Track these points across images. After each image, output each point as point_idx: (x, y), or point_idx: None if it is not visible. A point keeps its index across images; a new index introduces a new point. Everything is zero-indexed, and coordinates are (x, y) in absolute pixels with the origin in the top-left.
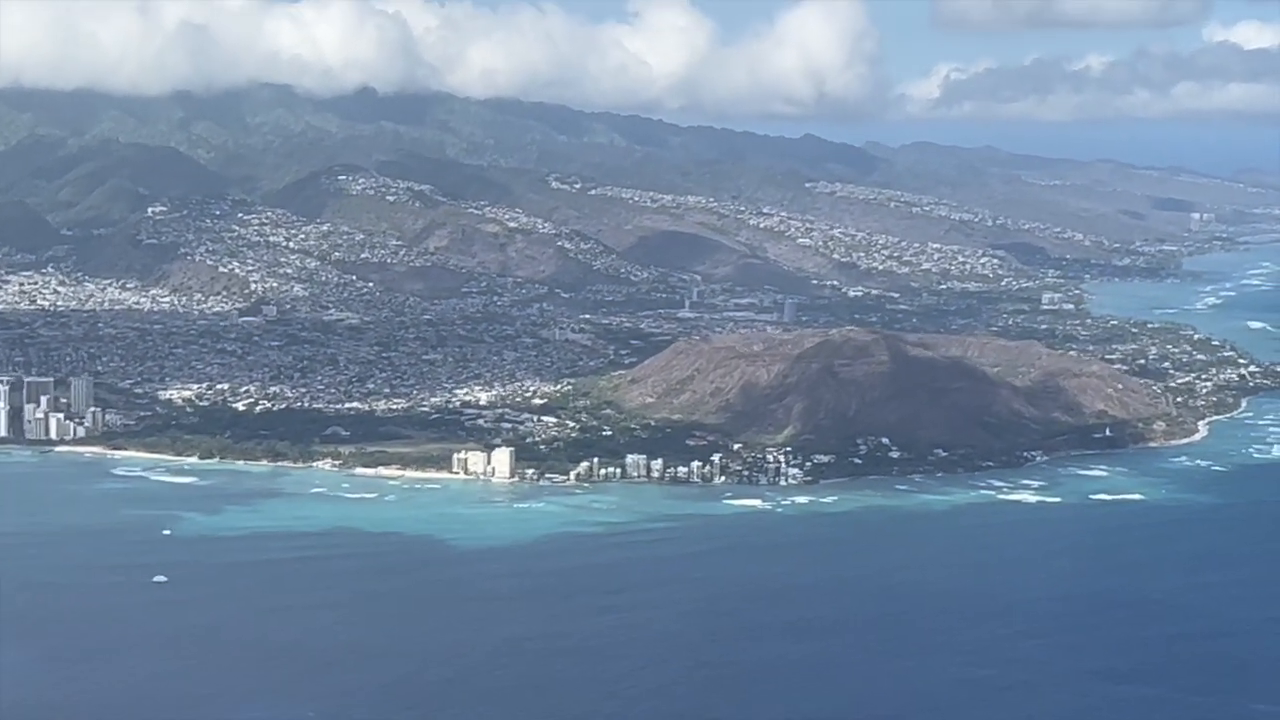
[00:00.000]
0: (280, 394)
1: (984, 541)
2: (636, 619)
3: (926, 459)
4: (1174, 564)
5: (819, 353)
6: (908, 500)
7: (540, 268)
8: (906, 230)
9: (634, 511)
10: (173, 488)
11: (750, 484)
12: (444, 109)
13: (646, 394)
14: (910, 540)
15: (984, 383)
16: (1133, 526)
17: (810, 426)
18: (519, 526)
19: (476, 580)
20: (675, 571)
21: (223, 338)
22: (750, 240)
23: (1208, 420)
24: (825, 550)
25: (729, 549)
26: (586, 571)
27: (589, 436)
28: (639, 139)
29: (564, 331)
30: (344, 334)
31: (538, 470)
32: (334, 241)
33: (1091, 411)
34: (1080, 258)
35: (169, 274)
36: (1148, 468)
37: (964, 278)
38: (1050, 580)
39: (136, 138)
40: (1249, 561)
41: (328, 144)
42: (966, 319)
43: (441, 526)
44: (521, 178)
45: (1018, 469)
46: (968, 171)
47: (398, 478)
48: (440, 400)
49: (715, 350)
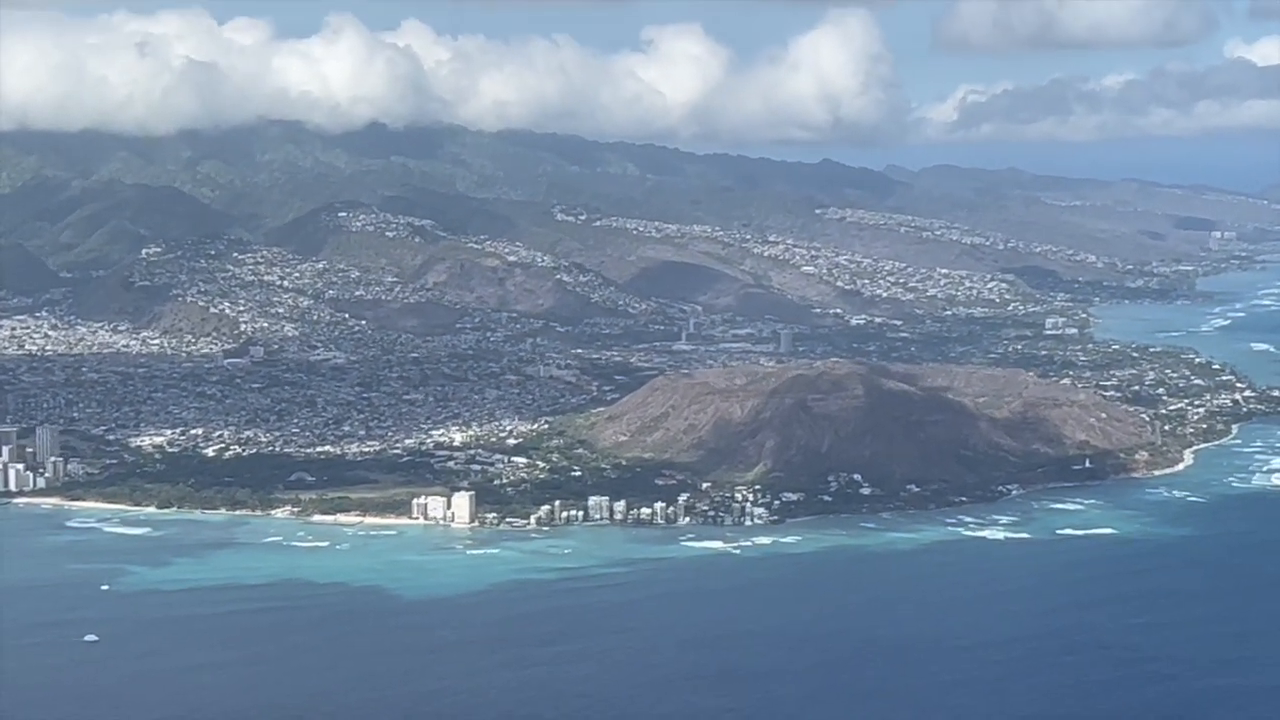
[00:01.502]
0: (253, 438)
1: (940, 582)
2: (560, 672)
3: (898, 495)
4: (1129, 602)
5: (793, 387)
6: (873, 539)
7: (538, 301)
8: (917, 255)
9: (590, 556)
10: (124, 540)
11: (715, 524)
12: (455, 142)
13: (620, 432)
14: (865, 583)
15: (962, 415)
16: (1096, 562)
17: (781, 463)
18: (470, 574)
19: (411, 632)
20: (616, 620)
21: (204, 381)
22: (755, 269)
23: (1194, 448)
24: (776, 595)
25: (677, 594)
26: (526, 621)
27: (558, 478)
28: (653, 168)
29: (549, 368)
30: (327, 374)
31: (498, 514)
32: (329, 279)
33: (1073, 442)
34: (1093, 280)
35: (160, 316)
36: (1124, 500)
37: (970, 303)
38: (998, 622)
39: (143, 178)
40: (1207, 599)
41: (334, 180)
42: (966, 346)
43: (390, 576)
44: (526, 210)
45: (992, 503)
46: (987, 194)
47: (356, 525)
48: (414, 442)
49: (690, 386)
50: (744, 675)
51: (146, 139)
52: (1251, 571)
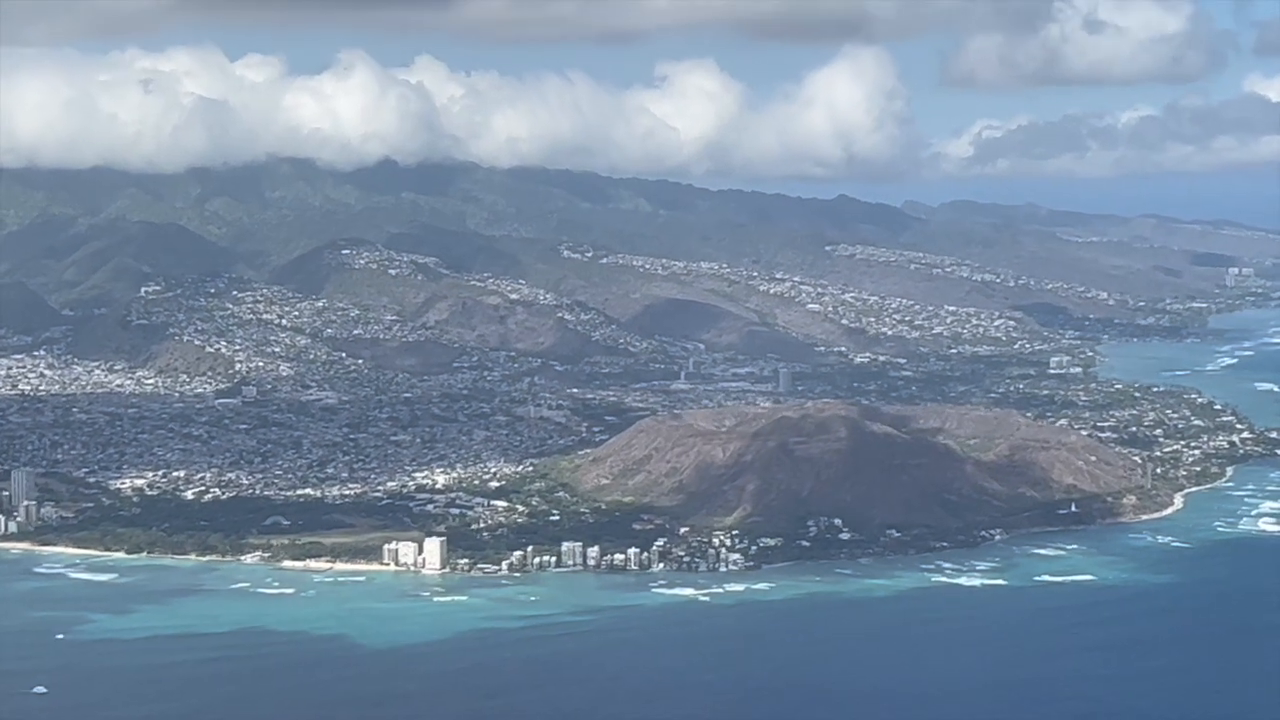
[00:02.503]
0: (235, 481)
1: (907, 631)
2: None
3: (878, 540)
4: (1096, 652)
5: (776, 430)
6: (848, 586)
7: (539, 339)
8: (926, 292)
9: (557, 604)
10: (89, 586)
11: (690, 570)
12: (467, 179)
13: (603, 475)
14: (832, 632)
15: (947, 458)
16: (1069, 611)
17: (761, 508)
18: (433, 623)
19: (362, 682)
20: (572, 670)
21: (193, 421)
22: (760, 306)
23: (1186, 492)
24: (738, 645)
25: (638, 643)
26: (481, 671)
27: (536, 522)
28: (667, 204)
29: (539, 409)
30: (317, 415)
31: (470, 561)
32: (327, 318)
33: (1060, 485)
34: (1103, 317)
35: (156, 355)
36: (1107, 545)
37: (976, 341)
38: (959, 672)
39: (151, 215)
40: (1173, 648)
41: (341, 217)
42: (968, 385)
43: (353, 624)
44: (533, 247)
45: (973, 549)
46: (1004, 230)
47: (325, 571)
48: (396, 484)
49: (674, 429)
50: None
51: (156, 176)
52: (1225, 621)
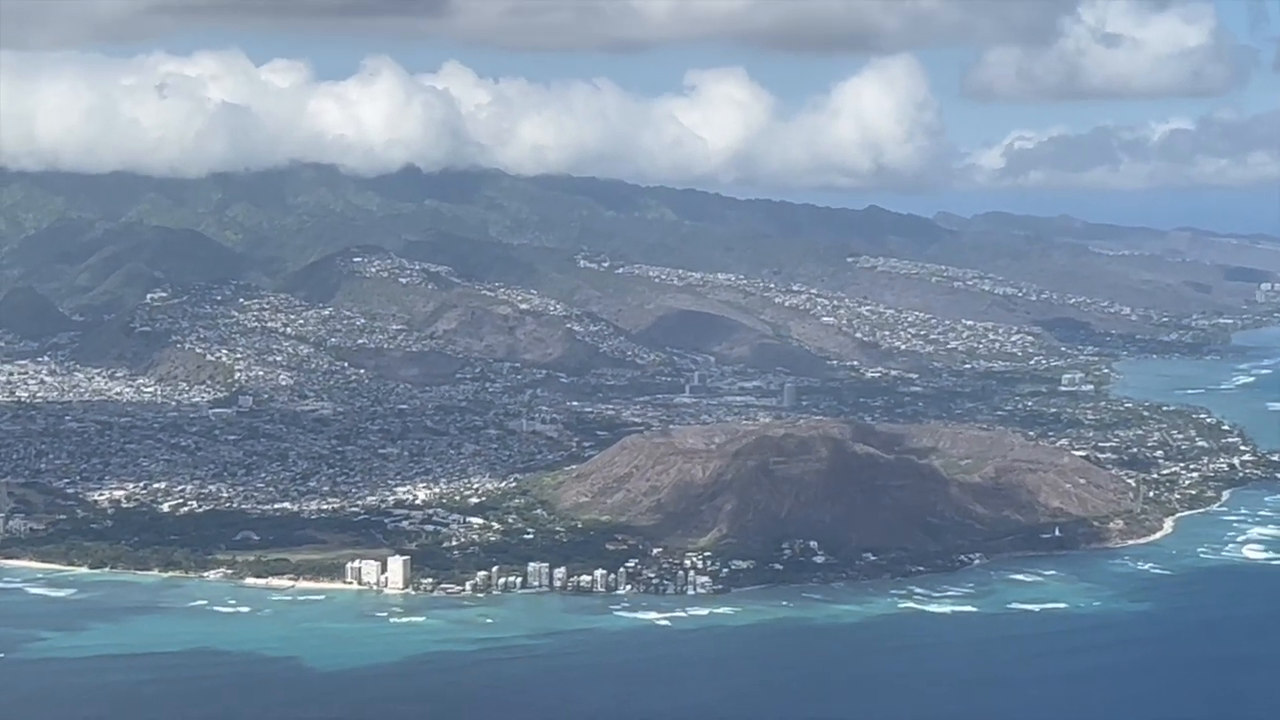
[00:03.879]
0: (214, 493)
1: (863, 661)
2: None
3: (854, 564)
4: (1050, 685)
5: (757, 449)
6: (815, 612)
7: (547, 350)
8: (947, 306)
9: (515, 626)
10: (45, 602)
11: (657, 593)
12: (492, 186)
13: (583, 493)
14: (788, 661)
15: (930, 480)
16: (1034, 639)
17: (736, 529)
18: (386, 645)
19: (299, 706)
20: (514, 697)
21: (183, 431)
22: (775, 319)
23: (1178, 516)
24: (690, 673)
25: (587, 669)
26: (422, 697)
27: (509, 540)
28: (693, 214)
29: (531, 423)
30: (308, 426)
31: (434, 580)
32: (332, 327)
33: (1046, 509)
34: (1125, 333)
35: (158, 363)
36: (1088, 572)
37: (991, 356)
38: (901, 707)
39: (170, 220)
40: (1130, 680)
41: (361, 224)
42: (975, 402)
43: (305, 646)
44: (550, 257)
45: (951, 574)
46: (1036, 242)
47: (287, 589)
48: (376, 499)
49: (656, 446)
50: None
51: (177, 181)
52: (1191, 653)
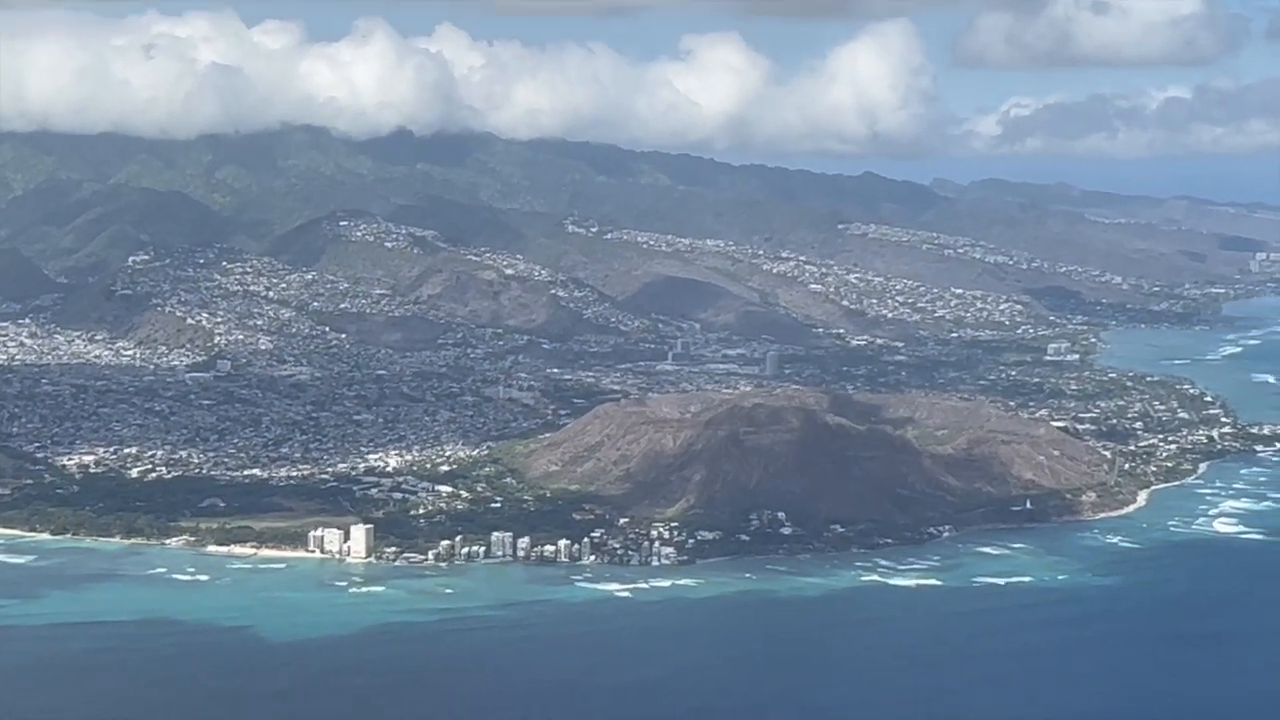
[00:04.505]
0: (185, 459)
1: (820, 636)
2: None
3: (821, 536)
4: (1000, 659)
5: (727, 419)
6: (778, 585)
7: (531, 316)
8: (937, 274)
9: (474, 597)
10: (3, 569)
11: (621, 564)
12: (485, 150)
13: (553, 461)
14: (744, 635)
15: (901, 452)
16: (995, 614)
17: (704, 499)
18: (343, 615)
19: (248, 677)
20: (464, 669)
21: (158, 396)
22: (763, 286)
23: (1152, 489)
24: (643, 646)
25: (542, 641)
26: (371, 669)
27: (476, 509)
28: (687, 179)
29: (508, 390)
30: (284, 391)
31: (397, 550)
32: (315, 291)
33: (1018, 481)
34: (1115, 302)
35: (138, 326)
36: (1057, 545)
37: (978, 325)
38: (849, 684)
39: (160, 182)
40: (1084, 655)
41: (350, 188)
42: (959, 371)
43: (261, 616)
44: (538, 222)
45: (919, 546)
46: (1030, 210)
47: (248, 557)
48: (347, 466)
49: (628, 415)
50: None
51: (168, 143)
52: (1152, 628)
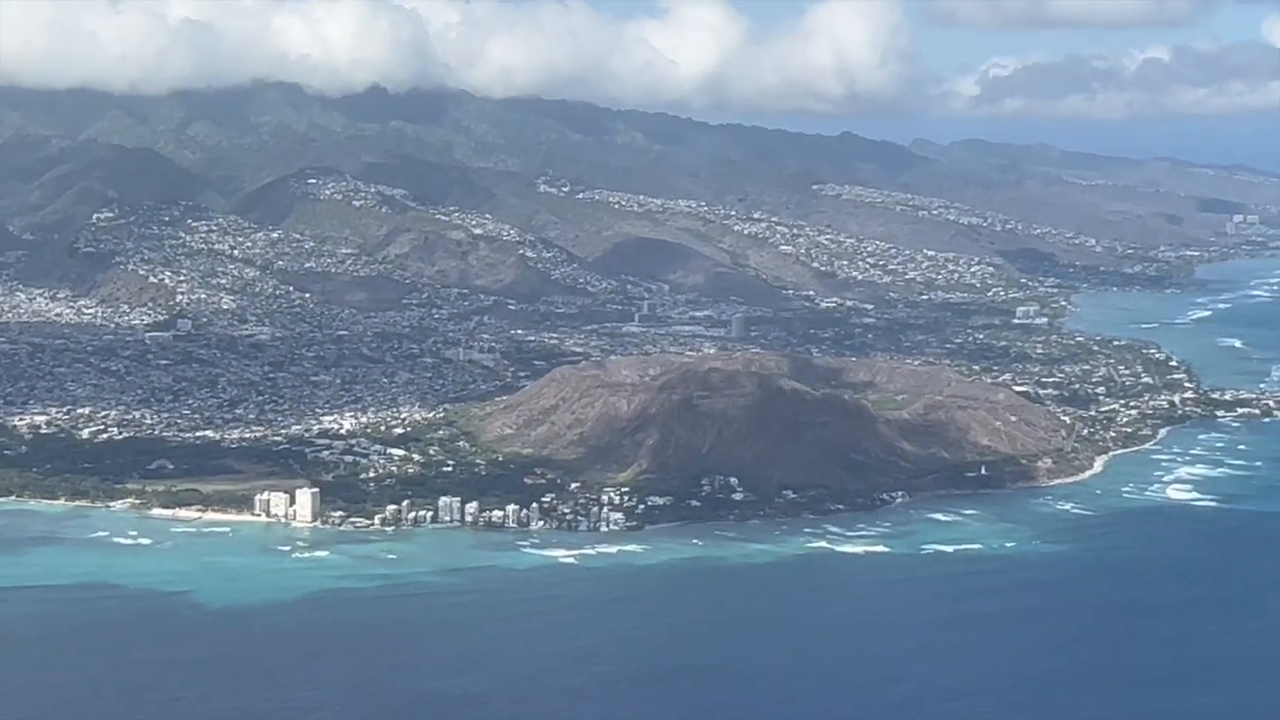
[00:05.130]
0: (138, 420)
1: (757, 604)
2: (278, 695)
3: (773, 501)
4: (940, 628)
5: (682, 383)
6: (726, 551)
7: (499, 276)
8: (911, 235)
9: (418, 563)
10: None
11: (569, 530)
12: (460, 108)
13: (508, 425)
14: (679, 602)
15: (856, 417)
16: (940, 580)
17: (657, 464)
18: (283, 581)
19: (176, 643)
20: (389, 638)
21: (116, 355)
22: (734, 247)
23: (1110, 454)
24: (578, 615)
25: (478, 609)
26: (301, 637)
27: (427, 473)
28: (664, 138)
29: (469, 351)
30: (243, 352)
31: (343, 514)
32: (281, 250)
33: (974, 447)
34: (1089, 265)
35: (101, 284)
36: (1009, 512)
37: (949, 288)
38: (780, 650)
39: (131, 138)
40: (1024, 623)
41: (321, 145)
42: (926, 334)
43: (200, 581)
44: (510, 181)
45: (871, 512)
46: (1009, 171)
47: (193, 520)
48: (301, 428)
49: (583, 379)
50: (461, 700)
51: (139, 98)
52: (1096, 596)
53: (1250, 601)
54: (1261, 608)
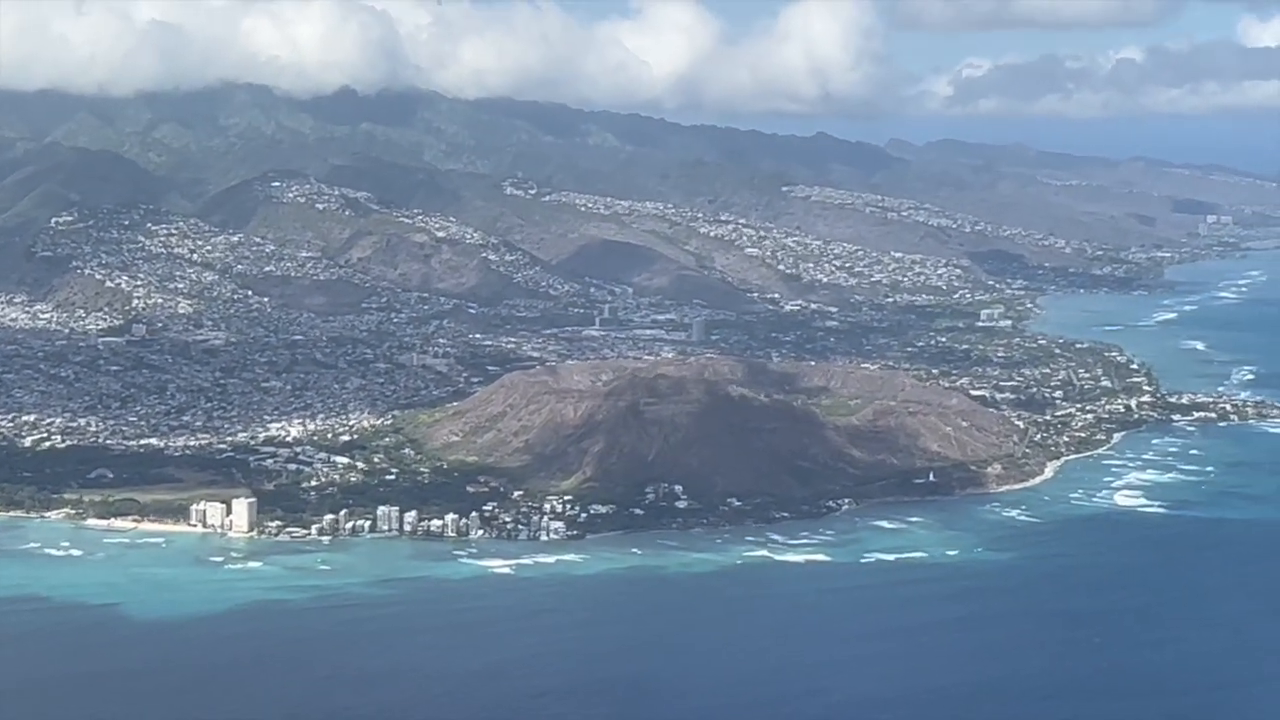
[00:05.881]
0: (83, 428)
1: (686, 614)
2: (173, 710)
3: (717, 509)
4: (867, 639)
5: (629, 389)
6: (665, 560)
7: (461, 280)
8: (880, 237)
9: (350, 574)
10: None
11: (509, 539)
12: (431, 109)
13: (454, 432)
14: (610, 614)
15: (805, 423)
16: (878, 589)
17: (601, 472)
18: (213, 593)
19: (104, 658)
20: (306, 652)
21: (67, 361)
22: (700, 249)
23: (1062, 460)
24: (501, 628)
25: (408, 622)
26: (214, 649)
27: (370, 481)
28: (636, 139)
29: (422, 357)
30: (196, 357)
31: (281, 523)
32: (241, 253)
33: (924, 453)
34: (1058, 266)
35: (58, 288)
36: (955, 519)
37: (915, 290)
38: (699, 662)
39: (98, 141)
40: (955, 633)
41: (288, 147)
42: (888, 338)
43: (129, 593)
44: (477, 183)
45: (817, 520)
46: (983, 172)
47: (129, 531)
48: (247, 436)
49: (531, 384)
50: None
51: (107, 100)
52: (1027, 605)
53: (1184, 610)
54: (1195, 617)
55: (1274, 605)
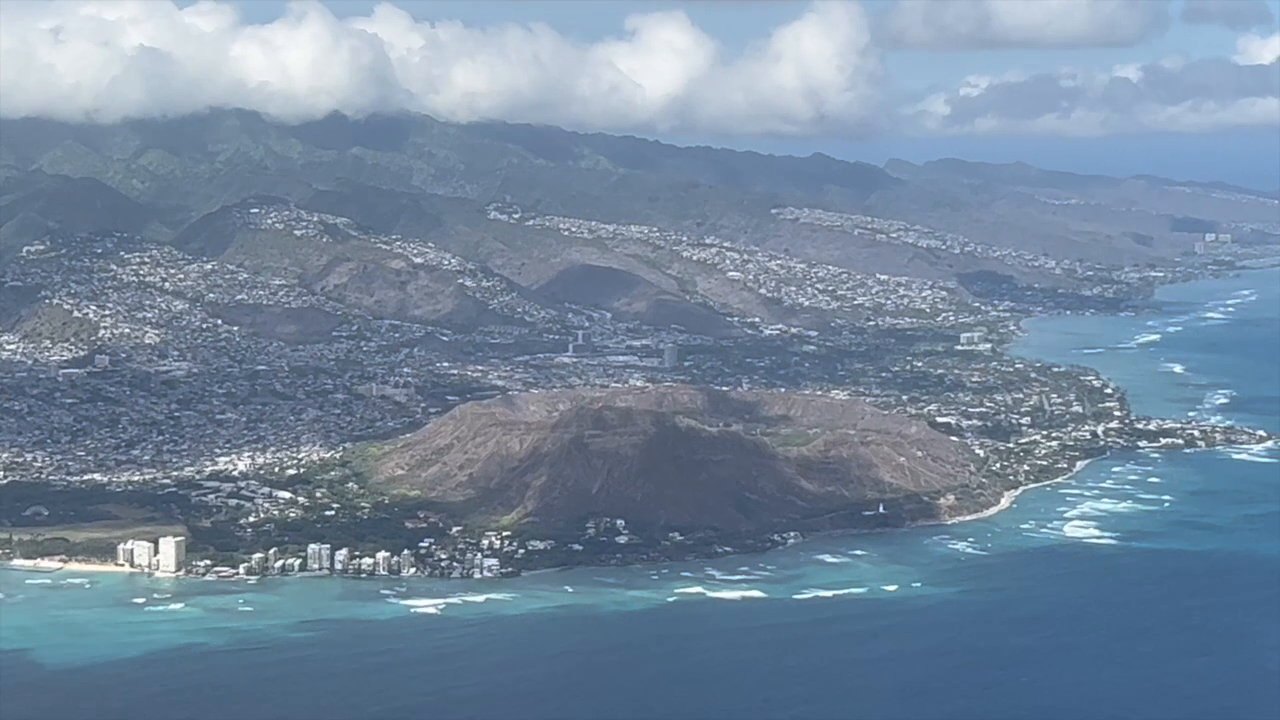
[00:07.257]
0: (29, 463)
1: (609, 655)
2: None
3: (658, 544)
4: (780, 682)
5: (575, 421)
6: (600, 598)
7: (437, 306)
8: (867, 260)
9: (276, 615)
10: None
11: (443, 577)
12: (422, 134)
13: (400, 465)
14: (531, 655)
15: (754, 455)
16: (801, 628)
17: (542, 506)
18: (129, 638)
19: (7, 705)
20: (214, 701)
21: (23, 394)
22: (682, 273)
23: (1020, 489)
24: (419, 670)
25: (322, 666)
26: (131, 698)
27: (310, 517)
28: (629, 162)
29: (382, 387)
30: (153, 389)
31: (210, 562)
32: (213, 282)
33: (876, 484)
34: (1046, 287)
35: (25, 319)
36: (901, 553)
37: (898, 313)
38: (605, 708)
39: (84, 168)
40: (880, 672)
41: (274, 173)
42: (864, 363)
43: (43, 637)
44: (460, 208)
45: (761, 554)
46: (980, 192)
47: (54, 571)
48: (194, 470)
49: (479, 416)
50: None
51: (93, 128)
52: (962, 643)
53: (1114, 649)
54: (1125, 655)
55: (1203, 642)
